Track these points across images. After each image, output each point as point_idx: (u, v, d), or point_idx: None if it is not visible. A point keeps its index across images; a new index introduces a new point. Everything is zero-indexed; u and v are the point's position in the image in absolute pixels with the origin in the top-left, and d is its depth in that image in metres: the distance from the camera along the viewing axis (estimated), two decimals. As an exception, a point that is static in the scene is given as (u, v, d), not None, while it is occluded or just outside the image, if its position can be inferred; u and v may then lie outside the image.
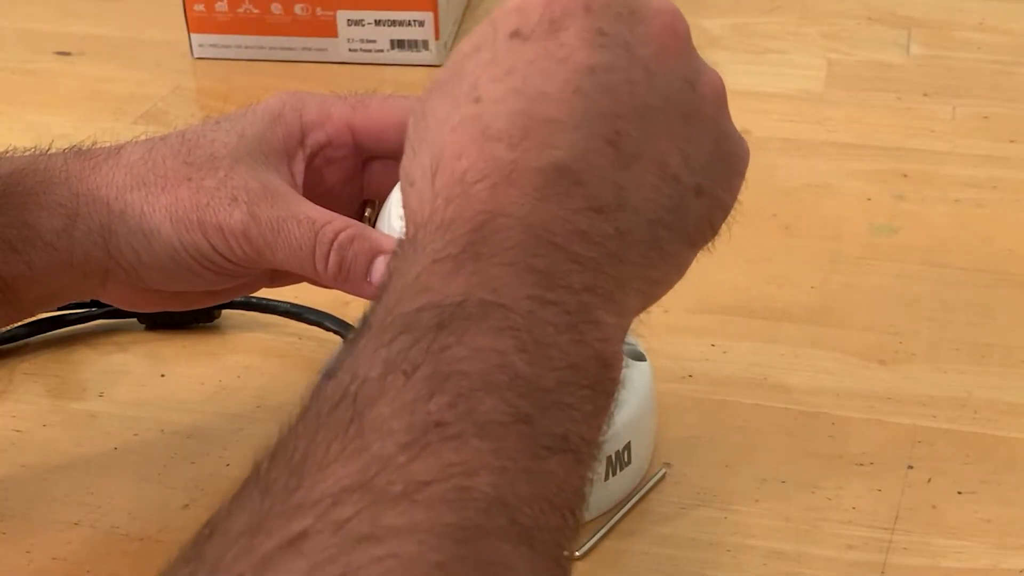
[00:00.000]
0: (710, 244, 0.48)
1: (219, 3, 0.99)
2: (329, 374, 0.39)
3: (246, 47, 1.00)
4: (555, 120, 0.43)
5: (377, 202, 0.58)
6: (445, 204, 0.43)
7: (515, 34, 0.45)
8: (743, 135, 0.49)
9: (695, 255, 0.47)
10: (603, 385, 0.41)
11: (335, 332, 0.67)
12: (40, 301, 0.57)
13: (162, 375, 0.67)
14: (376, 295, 0.42)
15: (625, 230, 0.43)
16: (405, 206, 0.46)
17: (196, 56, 1.00)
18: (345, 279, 0.54)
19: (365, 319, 0.41)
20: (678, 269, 0.47)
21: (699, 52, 0.47)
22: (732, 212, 0.48)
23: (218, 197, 0.54)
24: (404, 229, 0.46)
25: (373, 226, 0.57)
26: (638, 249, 0.44)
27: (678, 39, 0.46)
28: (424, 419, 0.36)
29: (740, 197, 0.48)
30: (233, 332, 0.70)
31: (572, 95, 0.43)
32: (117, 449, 0.62)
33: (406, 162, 0.47)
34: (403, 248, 0.43)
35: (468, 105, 0.44)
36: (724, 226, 0.48)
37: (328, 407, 0.38)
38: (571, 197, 0.42)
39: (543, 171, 0.43)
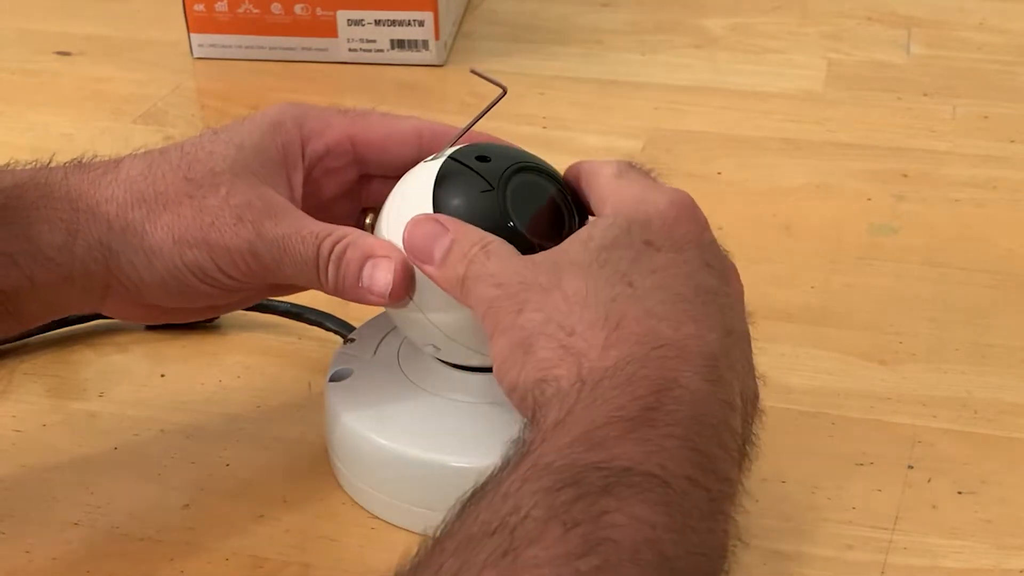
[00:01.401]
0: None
1: (219, 3, 0.99)
2: (479, 494, 0.42)
3: (246, 47, 1.00)
4: (697, 319, 0.48)
5: (377, 209, 0.58)
6: (627, 358, 0.46)
7: (649, 243, 0.50)
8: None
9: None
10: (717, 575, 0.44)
11: (335, 332, 0.67)
12: (40, 314, 0.57)
13: (162, 375, 0.67)
14: (547, 428, 0.44)
15: (738, 430, 0.47)
16: (563, 347, 0.47)
17: (196, 56, 1.00)
18: (342, 288, 0.54)
19: (527, 446, 0.44)
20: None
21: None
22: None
23: (222, 216, 0.54)
24: (541, 370, 0.48)
25: (373, 232, 0.57)
26: (743, 449, 0.48)
27: (742, 291, 0.53)
28: (573, 574, 0.39)
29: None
30: (233, 332, 0.70)
31: (702, 304, 0.49)
32: (117, 449, 0.62)
33: (544, 315, 0.48)
34: (580, 391, 0.45)
35: (623, 286, 0.48)
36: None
37: (482, 531, 0.40)
38: (720, 387, 0.47)
39: (703, 356, 0.47)
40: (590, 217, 0.55)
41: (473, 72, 0.58)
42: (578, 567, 0.39)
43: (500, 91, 0.55)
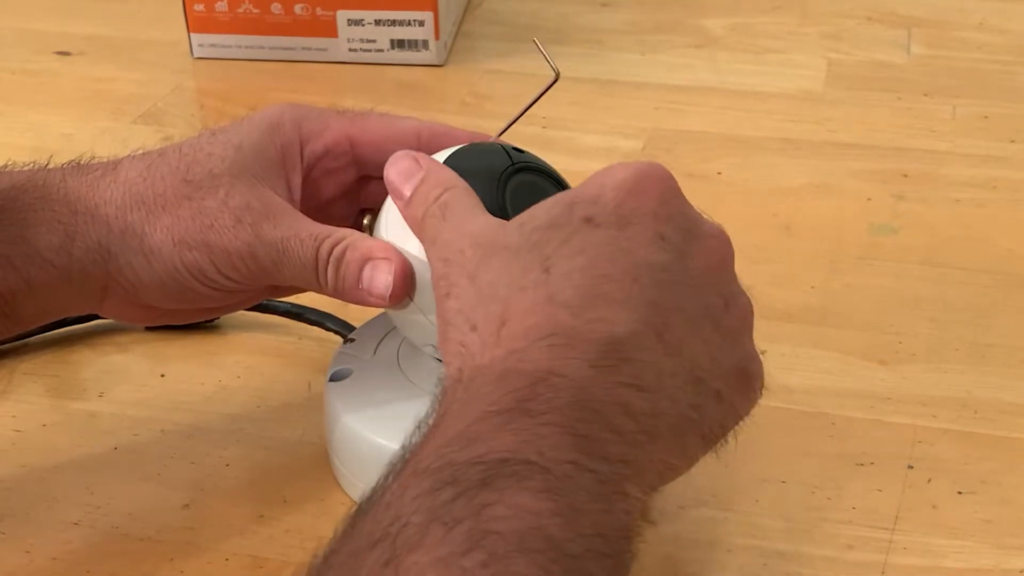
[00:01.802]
0: (718, 446, 0.50)
1: (219, 3, 0.99)
2: (365, 507, 0.42)
3: (246, 47, 1.00)
4: (614, 300, 0.47)
5: (375, 209, 0.58)
6: (506, 355, 0.46)
7: (588, 220, 0.49)
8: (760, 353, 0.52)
9: (705, 453, 0.50)
10: (623, 556, 0.43)
11: (335, 332, 0.67)
12: (38, 316, 0.57)
13: (162, 375, 0.67)
14: (426, 431, 0.44)
15: (659, 412, 0.46)
16: (461, 344, 0.48)
17: (196, 56, 1.00)
18: (342, 290, 0.55)
19: (409, 452, 0.43)
20: (689, 461, 0.50)
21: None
22: (741, 422, 0.51)
23: (221, 218, 0.54)
24: (445, 364, 0.49)
25: (371, 233, 0.57)
26: (666, 433, 0.47)
27: (724, 261, 0.51)
28: (457, 575, 0.38)
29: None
30: (233, 332, 0.70)
31: (631, 283, 0.47)
32: (117, 449, 0.62)
33: (459, 305, 0.49)
34: (455, 390, 0.45)
35: (538, 273, 0.47)
36: (732, 433, 0.51)
37: (366, 543, 0.39)
38: (619, 371, 0.46)
39: (599, 342, 0.46)
40: None
41: (534, 42, 0.58)
42: (463, 565, 0.38)
43: (554, 75, 0.55)
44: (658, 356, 0.47)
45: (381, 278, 0.54)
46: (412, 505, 0.40)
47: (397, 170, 0.54)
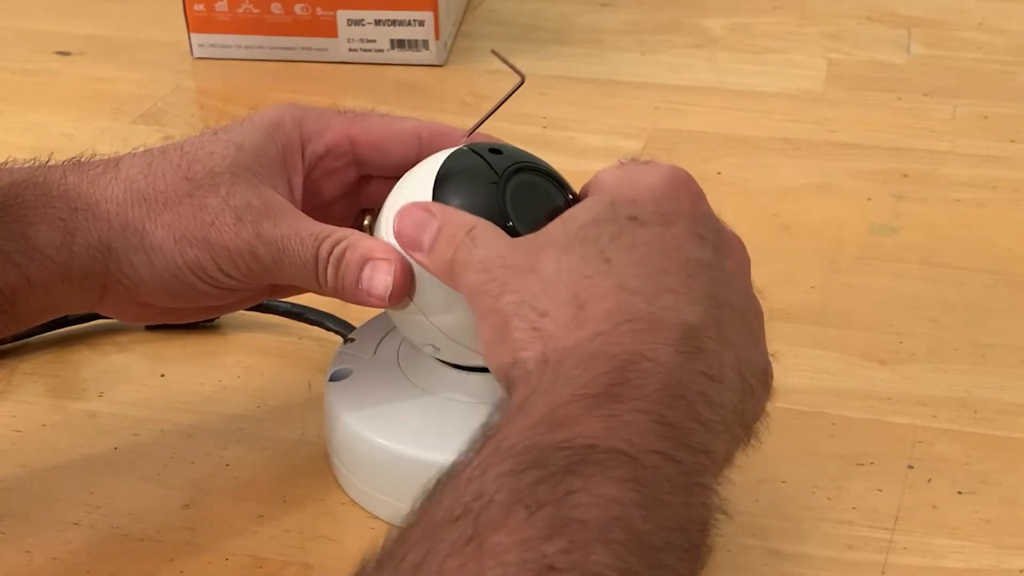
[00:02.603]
0: (751, 441, 0.50)
1: (219, 3, 0.99)
2: (444, 480, 0.42)
3: (246, 47, 1.00)
4: (677, 292, 0.47)
5: (375, 210, 0.58)
6: (591, 336, 0.45)
7: (633, 218, 0.49)
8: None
9: (743, 448, 0.50)
10: (699, 551, 0.43)
11: (336, 332, 0.67)
12: (37, 313, 0.57)
13: (162, 375, 0.67)
14: (511, 411, 0.44)
15: (725, 403, 0.46)
16: (534, 329, 0.47)
17: (196, 56, 1.00)
18: (341, 290, 0.55)
19: (493, 427, 0.43)
20: (736, 452, 0.50)
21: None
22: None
23: (222, 216, 0.54)
24: (521, 351, 0.48)
25: (371, 233, 0.57)
26: (730, 422, 0.47)
27: (745, 265, 0.53)
28: (538, 559, 0.38)
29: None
30: (233, 332, 0.70)
31: (687, 276, 0.48)
32: (117, 449, 0.62)
33: (519, 297, 0.48)
34: (542, 371, 0.45)
35: (599, 263, 0.48)
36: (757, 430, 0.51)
37: (446, 518, 0.39)
38: (698, 358, 0.46)
39: (679, 327, 0.46)
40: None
41: (493, 52, 0.58)
42: (544, 550, 0.38)
43: (518, 79, 0.55)
44: (719, 347, 0.47)
45: (381, 278, 0.54)
46: (495, 484, 0.40)
47: (410, 222, 0.53)
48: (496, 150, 0.55)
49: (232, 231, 0.54)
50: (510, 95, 0.56)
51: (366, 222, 0.60)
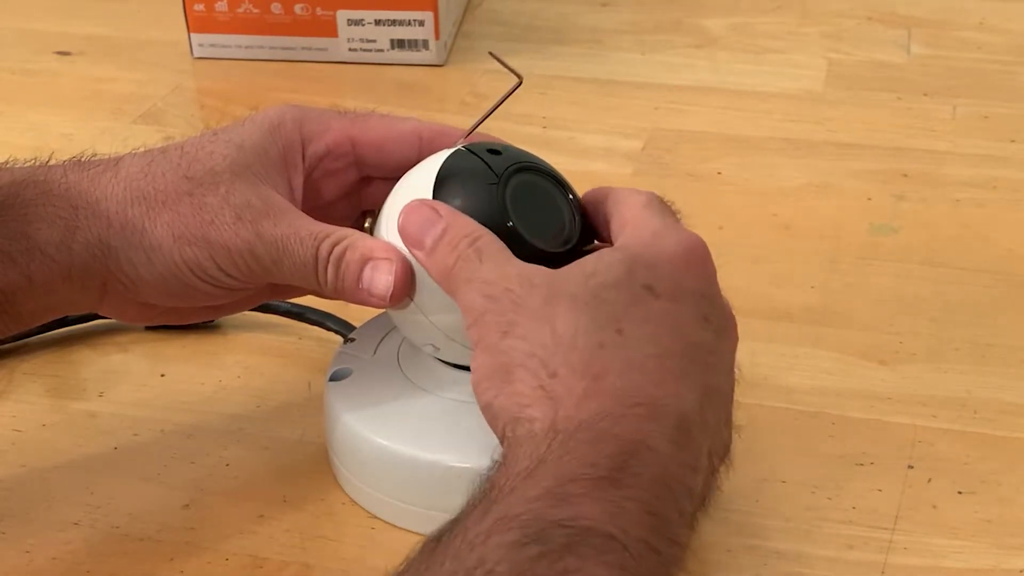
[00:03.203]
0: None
1: (219, 3, 0.99)
2: (445, 538, 0.42)
3: (246, 47, 1.00)
4: (679, 377, 0.48)
5: (376, 211, 0.58)
6: (601, 415, 0.46)
7: (649, 288, 0.50)
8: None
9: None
10: None
11: (336, 332, 0.67)
12: (38, 313, 0.57)
13: (162, 375, 0.67)
14: (516, 475, 0.45)
15: (698, 493, 0.48)
16: (542, 388, 0.48)
17: (196, 56, 1.00)
18: (342, 290, 0.55)
19: (495, 492, 0.44)
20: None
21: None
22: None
23: (222, 214, 0.54)
24: (523, 407, 0.48)
25: (371, 234, 0.57)
26: (697, 508, 0.48)
27: (736, 342, 0.53)
28: None
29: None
30: (233, 332, 0.70)
31: (689, 362, 0.49)
32: (117, 449, 0.62)
33: (529, 347, 0.49)
34: (552, 438, 0.46)
35: (613, 333, 0.48)
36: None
37: None
38: (685, 449, 0.47)
39: (675, 416, 0.47)
40: (596, 242, 0.55)
41: (491, 54, 0.58)
42: None
43: (516, 81, 0.55)
44: (701, 435, 0.48)
45: (382, 278, 0.54)
46: (497, 553, 0.41)
47: (415, 220, 0.53)
48: (496, 150, 0.55)
49: (232, 230, 0.54)
50: (507, 96, 0.56)
51: (367, 224, 0.60)
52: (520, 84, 0.56)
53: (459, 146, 0.56)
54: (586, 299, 0.49)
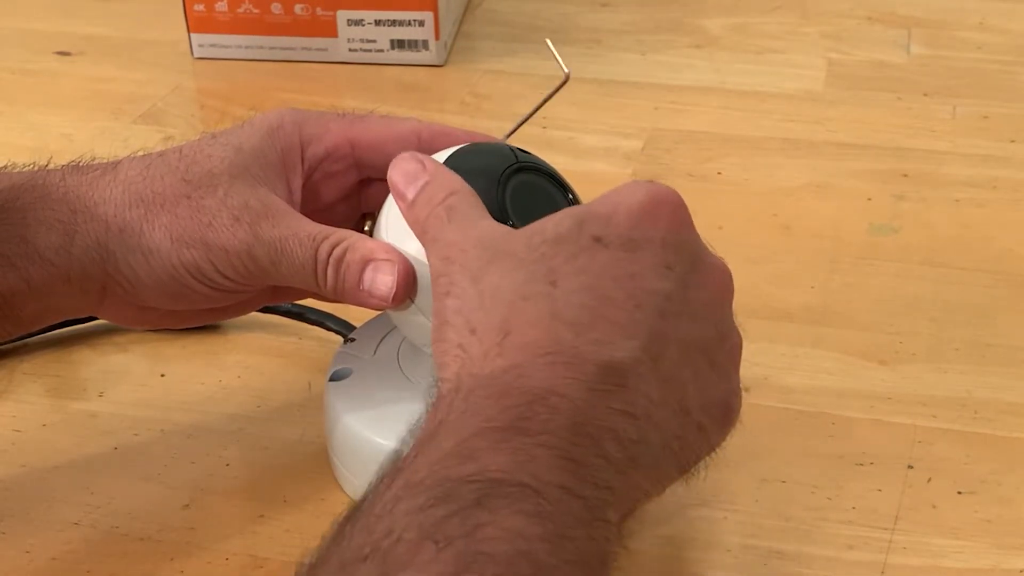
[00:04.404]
0: (690, 475, 0.50)
1: (219, 3, 0.99)
2: (355, 514, 0.41)
3: (246, 47, 1.00)
4: (616, 324, 0.47)
5: (376, 214, 0.58)
6: (506, 368, 0.46)
7: (598, 239, 0.49)
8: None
9: (676, 481, 0.50)
10: None
11: (336, 332, 0.67)
12: (38, 317, 0.57)
13: (162, 375, 0.67)
14: (421, 439, 0.44)
15: (645, 441, 0.46)
16: (460, 346, 0.48)
17: (196, 56, 1.00)
18: (342, 291, 0.54)
19: (401, 460, 0.43)
20: (661, 489, 0.50)
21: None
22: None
23: (220, 216, 0.54)
24: (439, 364, 0.48)
25: (371, 235, 0.57)
26: (648, 462, 0.47)
27: (723, 295, 0.51)
28: None
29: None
30: (233, 332, 0.70)
31: (634, 308, 0.47)
32: (117, 449, 0.62)
33: (458, 305, 0.48)
34: (453, 399, 0.45)
35: (543, 284, 0.47)
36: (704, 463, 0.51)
37: (356, 556, 0.39)
38: (615, 396, 0.46)
39: (599, 364, 0.46)
40: None
41: (547, 43, 0.58)
42: None
43: (564, 76, 0.55)
44: (651, 385, 0.47)
45: (383, 279, 0.54)
46: (404, 520, 0.40)
47: (401, 171, 0.53)
48: (497, 150, 0.56)
49: (229, 232, 0.54)
50: (555, 92, 0.56)
51: (367, 227, 0.60)
52: (567, 80, 0.56)
53: (448, 152, 0.56)
54: (525, 256, 0.48)
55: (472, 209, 0.51)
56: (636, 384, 0.46)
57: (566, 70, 0.56)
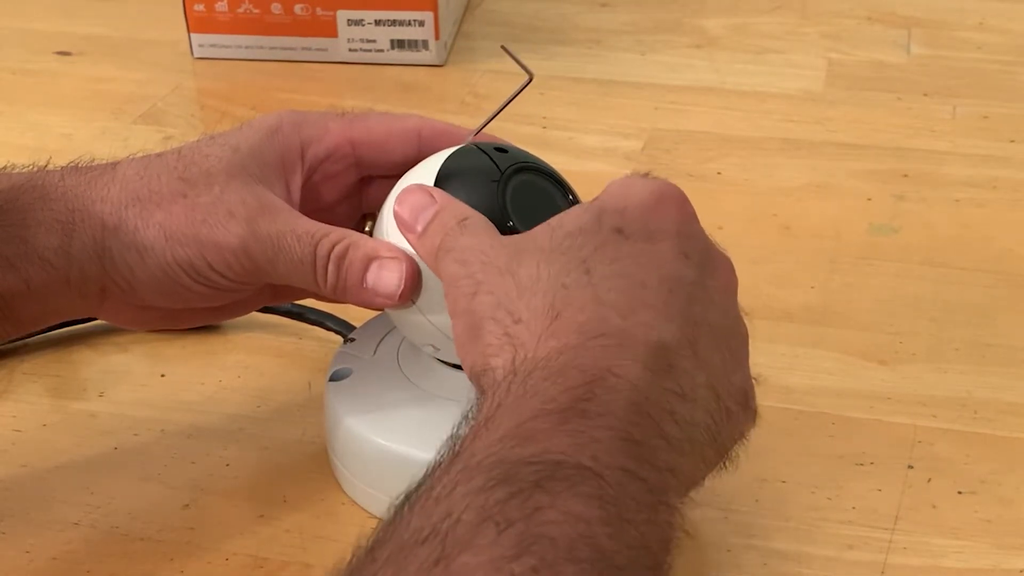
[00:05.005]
0: (726, 461, 0.50)
1: (219, 3, 0.99)
2: (412, 498, 0.41)
3: (246, 47, 1.00)
4: (654, 307, 0.47)
5: (376, 214, 0.58)
6: (561, 349, 0.46)
7: (619, 230, 0.49)
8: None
9: (716, 467, 0.50)
10: (661, 569, 0.43)
11: (336, 332, 0.68)
12: (37, 318, 0.57)
13: (162, 375, 0.67)
14: (479, 424, 0.44)
15: (695, 422, 0.46)
16: (507, 335, 0.48)
17: (196, 56, 1.00)
18: (344, 289, 0.54)
19: (458, 443, 0.43)
20: (706, 473, 0.50)
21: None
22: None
23: (215, 213, 0.54)
24: (489, 356, 0.48)
25: (371, 234, 0.57)
26: (699, 443, 0.47)
27: (732, 286, 0.52)
28: None
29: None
30: (233, 332, 0.70)
31: (667, 293, 0.48)
32: (117, 449, 0.62)
33: (495, 299, 0.48)
34: (510, 382, 0.45)
35: (579, 273, 0.48)
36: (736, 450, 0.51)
37: (414, 539, 0.39)
38: (668, 376, 0.46)
39: (649, 345, 0.46)
40: None
41: (503, 48, 0.58)
42: (513, 569, 0.38)
43: (527, 77, 0.55)
44: (692, 366, 0.47)
45: (391, 277, 0.54)
46: (463, 501, 0.40)
47: (410, 203, 0.53)
48: (498, 150, 0.56)
49: (223, 228, 0.54)
50: (518, 93, 0.56)
51: (367, 227, 0.60)
52: (531, 81, 0.56)
53: (468, 143, 0.56)
54: (552, 248, 0.49)
55: (485, 228, 0.51)
56: (683, 365, 0.47)
57: (529, 71, 0.56)
